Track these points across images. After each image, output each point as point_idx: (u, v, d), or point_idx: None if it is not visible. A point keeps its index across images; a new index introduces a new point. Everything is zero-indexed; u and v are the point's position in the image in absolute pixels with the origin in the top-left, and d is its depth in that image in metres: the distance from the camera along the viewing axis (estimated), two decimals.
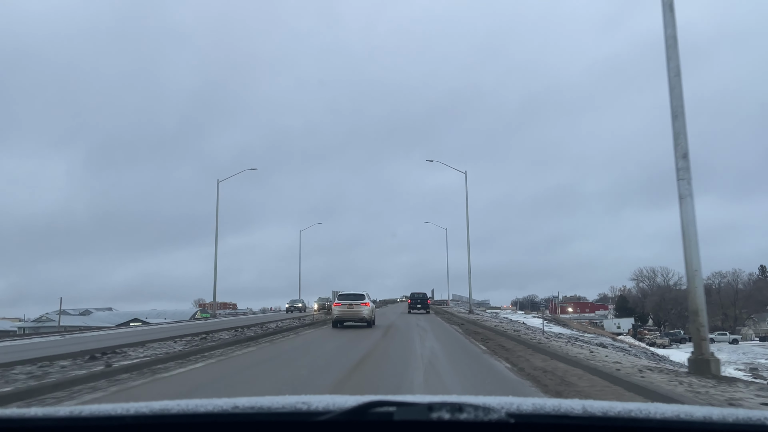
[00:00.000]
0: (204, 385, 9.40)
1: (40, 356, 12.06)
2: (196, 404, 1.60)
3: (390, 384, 9.48)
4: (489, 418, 1.55)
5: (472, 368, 11.94)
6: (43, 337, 24.33)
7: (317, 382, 9.78)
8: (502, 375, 10.87)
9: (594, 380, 9.59)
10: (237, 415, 1.58)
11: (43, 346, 17.27)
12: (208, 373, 10.95)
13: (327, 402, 1.61)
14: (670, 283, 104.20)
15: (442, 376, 10.48)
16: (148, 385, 9.28)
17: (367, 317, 25.10)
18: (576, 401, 1.64)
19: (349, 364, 12.18)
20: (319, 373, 10.88)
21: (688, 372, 10.04)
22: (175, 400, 1.64)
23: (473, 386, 9.53)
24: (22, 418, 1.58)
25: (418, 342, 17.82)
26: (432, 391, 8.64)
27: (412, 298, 46.95)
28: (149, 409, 1.56)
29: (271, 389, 8.76)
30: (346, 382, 9.64)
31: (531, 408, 1.60)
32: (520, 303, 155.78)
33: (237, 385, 9.36)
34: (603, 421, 1.55)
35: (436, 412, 1.55)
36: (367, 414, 1.57)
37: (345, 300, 25.31)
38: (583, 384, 9.21)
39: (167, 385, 9.34)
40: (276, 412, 1.59)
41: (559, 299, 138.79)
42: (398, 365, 11.95)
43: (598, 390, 8.59)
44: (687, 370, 10.33)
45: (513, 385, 9.41)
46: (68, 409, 1.58)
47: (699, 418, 1.50)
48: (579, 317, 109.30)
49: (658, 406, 1.59)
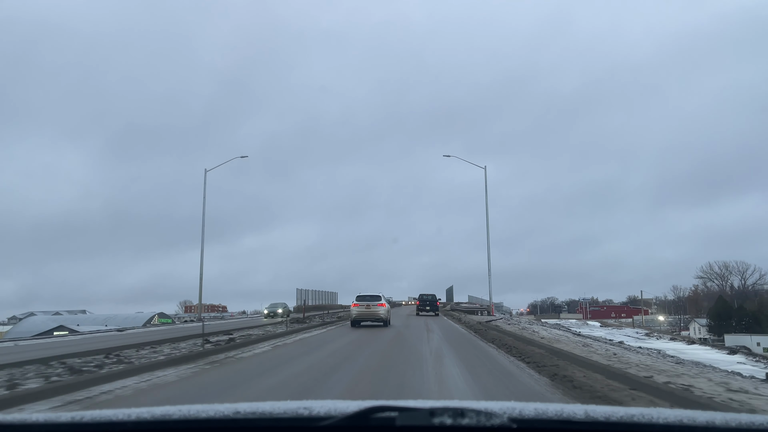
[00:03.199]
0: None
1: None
2: (198, 410, 1.63)
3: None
4: (491, 423, 1.55)
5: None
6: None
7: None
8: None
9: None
10: (238, 420, 1.60)
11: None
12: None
13: (329, 407, 1.62)
14: (749, 282, 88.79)
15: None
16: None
17: (384, 317, 26.74)
18: (578, 406, 1.63)
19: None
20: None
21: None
22: (177, 405, 1.67)
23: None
24: (23, 424, 1.61)
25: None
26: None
27: (421, 300, 46.83)
28: (150, 414, 1.59)
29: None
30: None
31: (533, 413, 1.60)
32: (539, 307, 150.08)
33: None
34: (605, 426, 1.54)
35: (438, 418, 1.56)
36: (369, 419, 1.58)
37: (363, 301, 26.87)
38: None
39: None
40: (277, 418, 1.61)
41: (588, 302, 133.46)
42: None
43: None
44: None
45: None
46: (69, 414, 1.61)
47: (702, 423, 1.49)
48: (619, 323, 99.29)
49: (661, 410, 1.57)
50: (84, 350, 14.57)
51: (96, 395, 8.28)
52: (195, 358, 13.08)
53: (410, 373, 10.58)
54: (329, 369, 11.22)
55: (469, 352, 15.08)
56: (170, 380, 9.85)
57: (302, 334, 22.93)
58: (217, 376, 10.36)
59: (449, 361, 12.59)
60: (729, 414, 1.58)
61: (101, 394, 8.34)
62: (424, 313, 44.42)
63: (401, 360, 12.79)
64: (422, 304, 46.07)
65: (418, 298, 47.75)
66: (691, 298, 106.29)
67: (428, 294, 46.95)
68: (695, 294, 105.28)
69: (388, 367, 11.67)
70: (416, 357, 13.44)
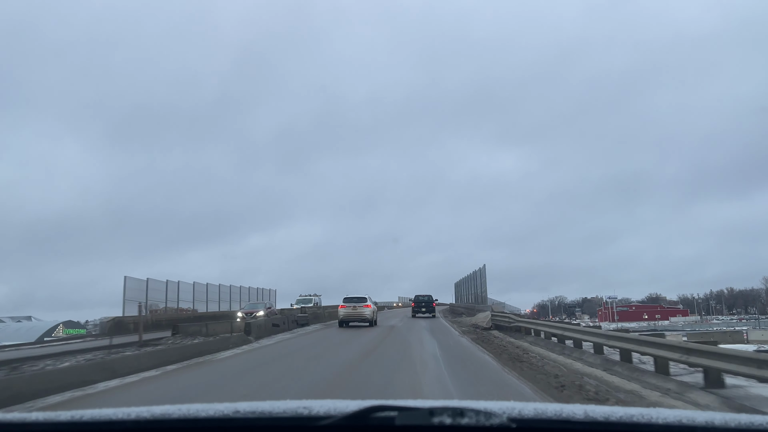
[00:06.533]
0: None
1: None
2: (197, 409, 1.65)
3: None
4: (490, 422, 1.55)
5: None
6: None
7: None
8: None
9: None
10: (238, 419, 1.62)
11: None
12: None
13: (328, 407, 1.64)
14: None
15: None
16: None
17: (369, 317, 28.54)
18: (578, 406, 1.62)
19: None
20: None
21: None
22: (176, 404, 1.70)
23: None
24: (23, 423, 1.66)
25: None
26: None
27: (417, 301, 45.96)
28: (150, 413, 1.62)
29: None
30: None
31: (533, 413, 1.59)
32: (544, 307, 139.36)
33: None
34: (605, 426, 1.53)
35: (437, 417, 1.57)
36: (369, 419, 1.59)
37: (349, 303, 28.71)
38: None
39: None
40: (277, 417, 1.63)
41: (613, 303, 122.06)
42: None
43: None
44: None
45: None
46: (69, 413, 1.65)
47: (701, 423, 1.48)
48: (652, 326, 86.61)
49: (660, 410, 1.56)
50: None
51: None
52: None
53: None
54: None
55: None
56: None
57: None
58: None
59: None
60: (728, 414, 1.56)
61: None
62: (420, 315, 43.38)
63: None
64: (417, 306, 45.09)
65: (414, 299, 46.89)
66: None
67: (424, 295, 46.03)
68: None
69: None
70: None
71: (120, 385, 10.62)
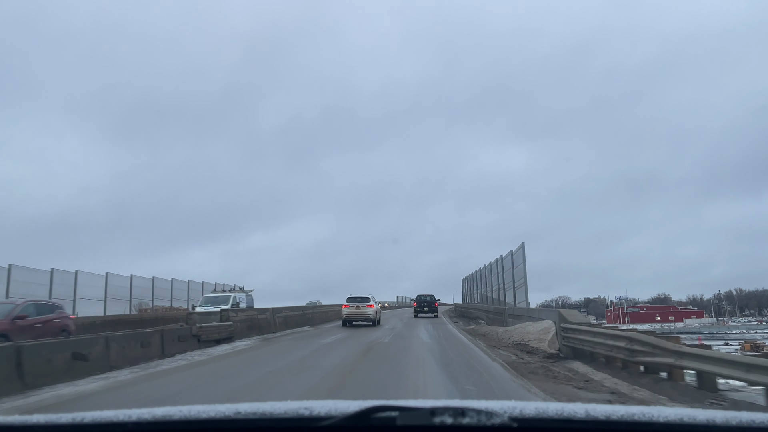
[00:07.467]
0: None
1: None
2: (198, 410, 1.66)
3: None
4: (492, 422, 1.55)
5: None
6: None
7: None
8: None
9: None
10: (239, 420, 1.63)
11: None
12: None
13: (329, 407, 1.64)
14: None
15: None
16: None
17: (372, 317, 28.67)
18: (579, 405, 1.62)
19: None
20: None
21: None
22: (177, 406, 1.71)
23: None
24: (24, 425, 1.67)
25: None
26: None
27: (418, 300, 45.72)
28: (151, 415, 1.63)
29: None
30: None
31: (534, 412, 1.59)
32: (552, 306, 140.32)
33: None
34: (606, 425, 1.53)
35: (438, 417, 1.57)
36: (370, 419, 1.60)
37: (353, 303, 28.90)
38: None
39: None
40: (278, 418, 1.64)
41: (623, 303, 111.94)
42: None
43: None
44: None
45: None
46: (70, 415, 1.66)
47: (702, 421, 1.47)
48: (667, 328, 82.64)
49: (661, 409, 1.55)
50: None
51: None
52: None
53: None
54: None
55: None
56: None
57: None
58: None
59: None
60: (730, 412, 1.55)
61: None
62: (423, 315, 43.23)
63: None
64: (420, 306, 44.94)
65: (416, 299, 46.67)
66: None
67: (426, 294, 45.79)
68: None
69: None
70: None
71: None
